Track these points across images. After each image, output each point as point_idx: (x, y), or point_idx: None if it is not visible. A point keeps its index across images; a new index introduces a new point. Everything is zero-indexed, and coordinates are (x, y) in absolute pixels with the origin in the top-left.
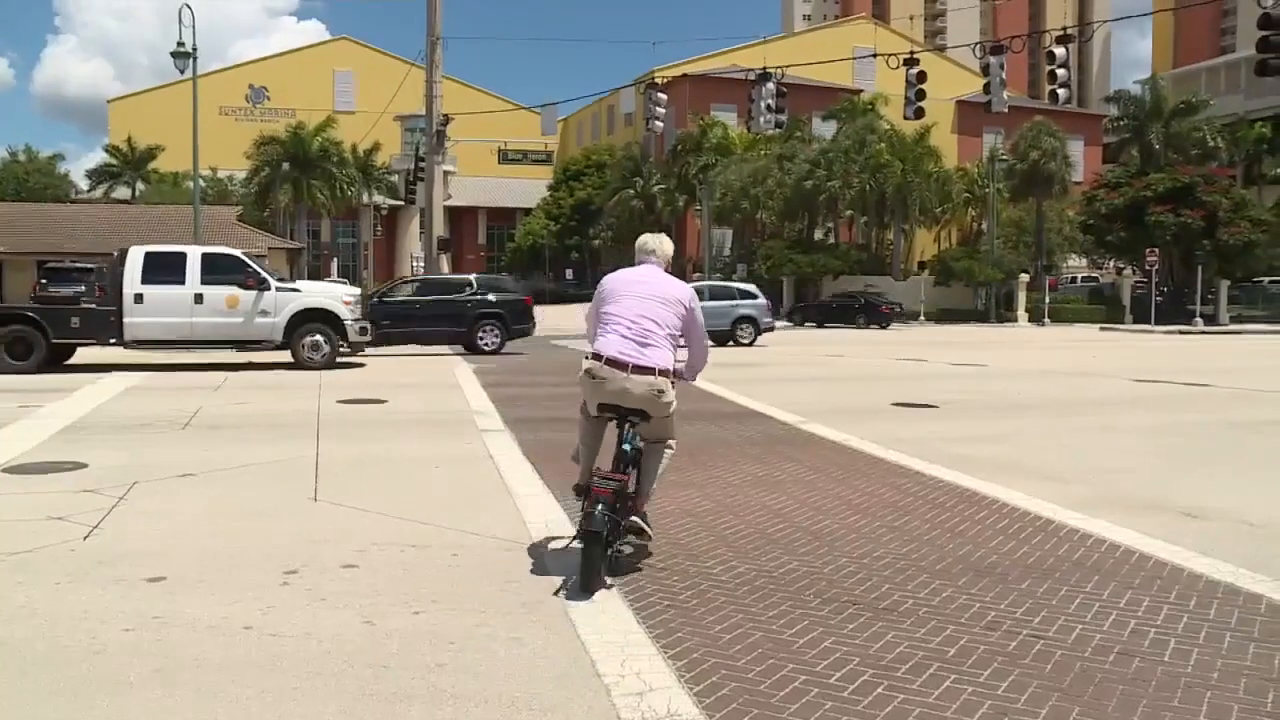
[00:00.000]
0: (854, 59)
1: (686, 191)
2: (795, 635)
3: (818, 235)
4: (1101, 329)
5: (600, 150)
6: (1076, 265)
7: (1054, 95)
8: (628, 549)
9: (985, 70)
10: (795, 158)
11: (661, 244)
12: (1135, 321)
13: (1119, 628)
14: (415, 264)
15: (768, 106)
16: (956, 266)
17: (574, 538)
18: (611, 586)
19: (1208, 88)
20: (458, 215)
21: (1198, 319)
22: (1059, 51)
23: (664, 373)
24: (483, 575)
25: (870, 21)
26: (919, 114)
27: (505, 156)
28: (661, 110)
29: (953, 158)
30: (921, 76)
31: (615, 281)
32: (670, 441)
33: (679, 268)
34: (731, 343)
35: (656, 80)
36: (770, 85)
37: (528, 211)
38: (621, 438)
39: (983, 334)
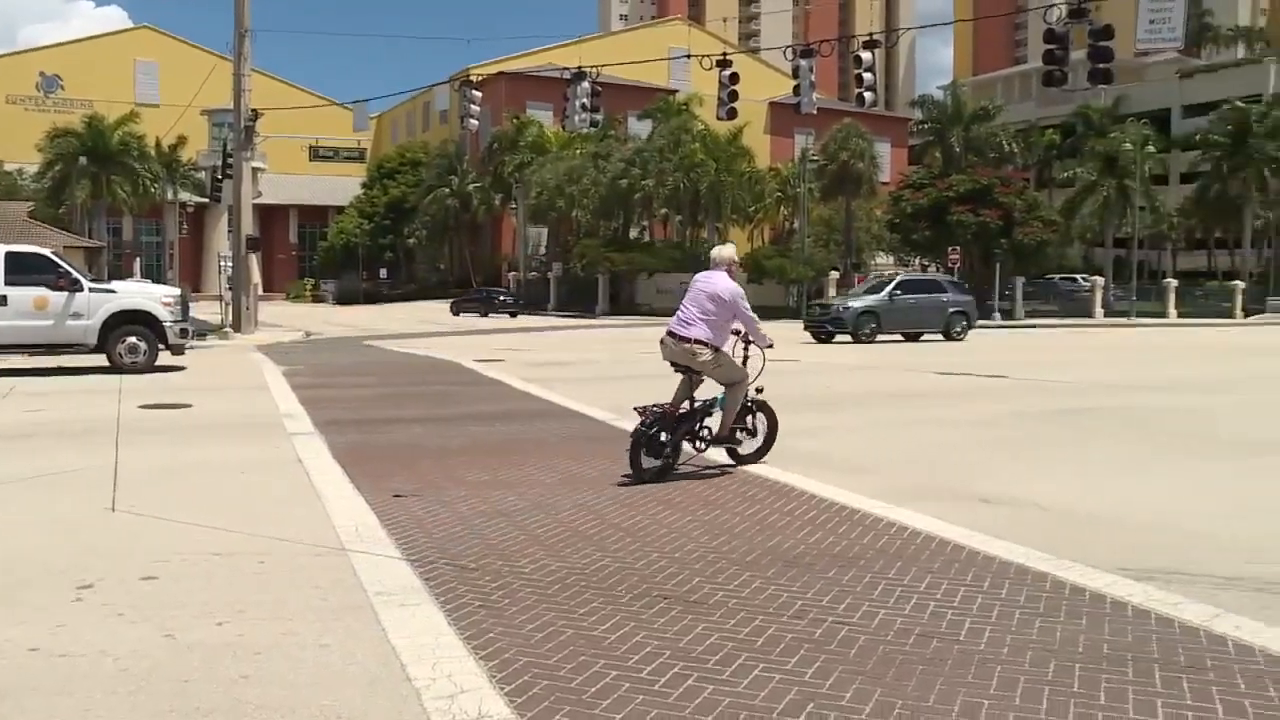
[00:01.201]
0: (669, 59)
1: (502, 190)
2: (607, 631)
3: (633, 233)
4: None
5: (415, 148)
6: (884, 262)
7: (861, 98)
8: (742, 453)
9: (796, 72)
10: (610, 157)
11: (720, 252)
12: None
13: (919, 611)
14: (223, 263)
15: (583, 105)
16: (769, 264)
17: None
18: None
19: (1004, 95)
20: (268, 213)
21: (996, 314)
22: (865, 56)
23: (698, 341)
24: (290, 582)
25: (685, 23)
26: (731, 114)
27: (317, 153)
28: (476, 108)
29: (765, 158)
30: (734, 78)
31: (692, 281)
32: (735, 384)
33: (493, 266)
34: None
35: (472, 78)
36: (585, 84)
37: (340, 210)
38: (685, 382)
39: (796, 331)
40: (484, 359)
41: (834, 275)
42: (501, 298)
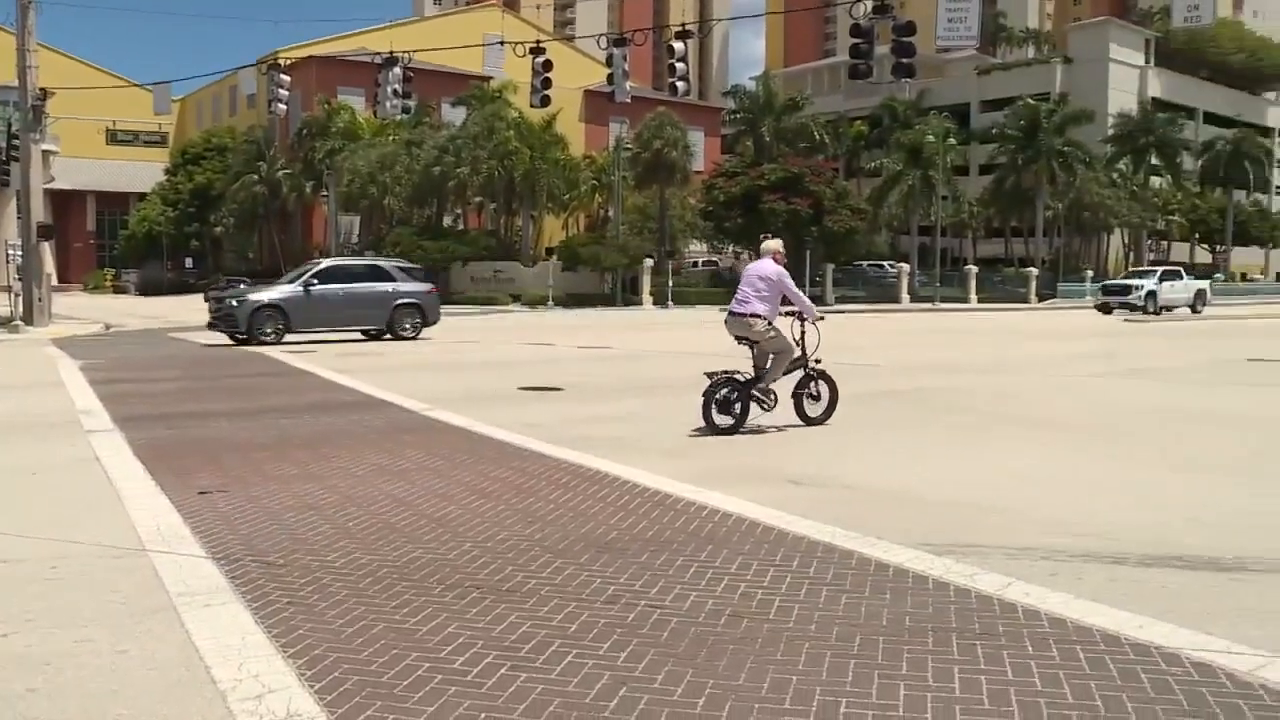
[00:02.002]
0: (483, 46)
1: (313, 177)
2: (419, 623)
3: (447, 221)
4: (721, 310)
5: (221, 133)
6: (698, 250)
7: (674, 87)
8: (812, 414)
9: (609, 61)
10: (424, 144)
11: (767, 245)
12: None
13: (730, 592)
14: (11, 252)
15: (394, 91)
16: (584, 252)
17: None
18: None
19: (814, 87)
20: (63, 199)
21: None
22: (678, 46)
23: (754, 314)
24: (86, 587)
25: (500, 9)
26: (545, 102)
27: (115, 137)
28: (285, 92)
29: (580, 145)
30: (548, 65)
31: (745, 269)
32: (781, 353)
33: (305, 254)
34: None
35: (280, 61)
36: (397, 70)
37: (142, 196)
38: (752, 353)
39: (609, 317)
40: (293, 349)
41: (648, 263)
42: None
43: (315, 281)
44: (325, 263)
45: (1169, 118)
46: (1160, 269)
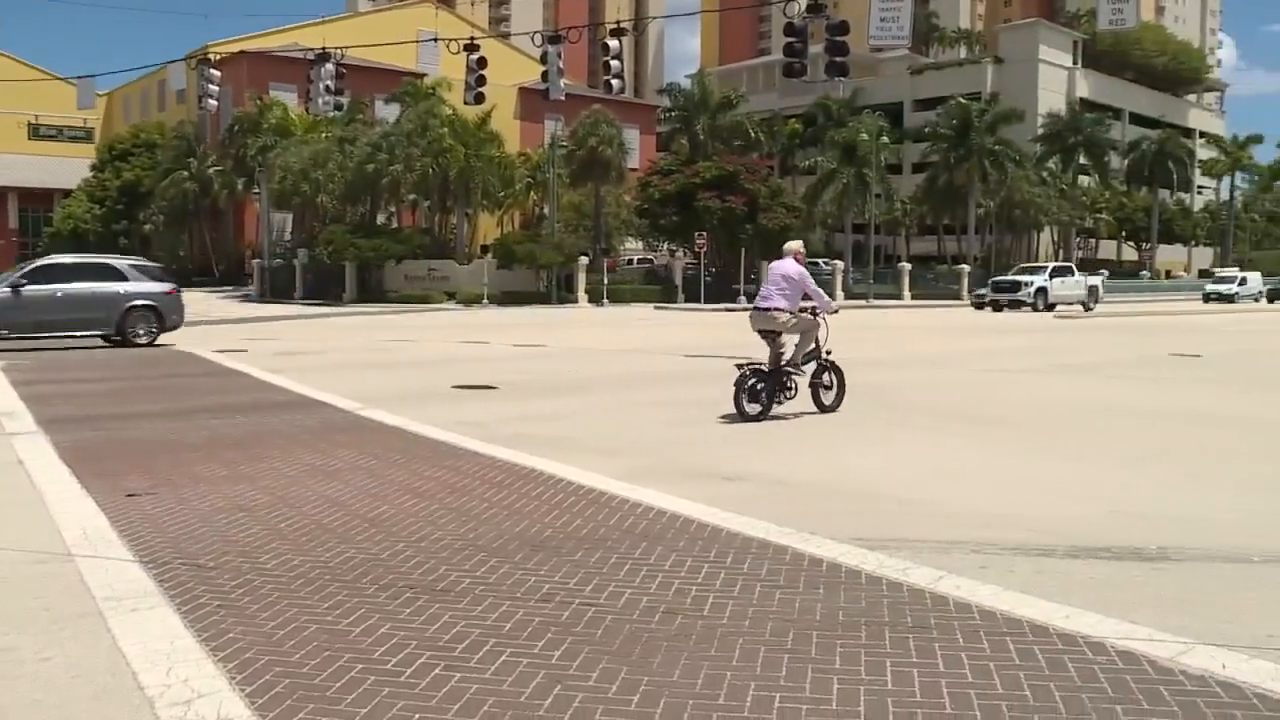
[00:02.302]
0: (417, 42)
1: (245, 174)
2: (352, 624)
3: (381, 219)
4: (656, 308)
5: (150, 129)
6: (633, 248)
7: (608, 85)
8: (826, 401)
9: (544, 58)
10: (357, 141)
11: (789, 246)
12: (687, 300)
13: (664, 588)
14: None
15: (327, 88)
16: (519, 250)
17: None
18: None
19: (749, 85)
20: None
21: (742, 297)
22: (613, 44)
23: (776, 309)
24: (8, 594)
25: (434, 6)
26: (479, 99)
27: (37, 132)
28: (215, 88)
29: (515, 143)
30: (482, 62)
31: (769, 268)
32: (806, 333)
33: (237, 252)
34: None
35: (210, 56)
36: (330, 66)
37: (68, 194)
38: (771, 347)
39: (545, 315)
40: (225, 349)
41: (584, 261)
42: None
43: (26, 281)
44: (43, 260)
45: (1096, 118)
46: (1051, 265)
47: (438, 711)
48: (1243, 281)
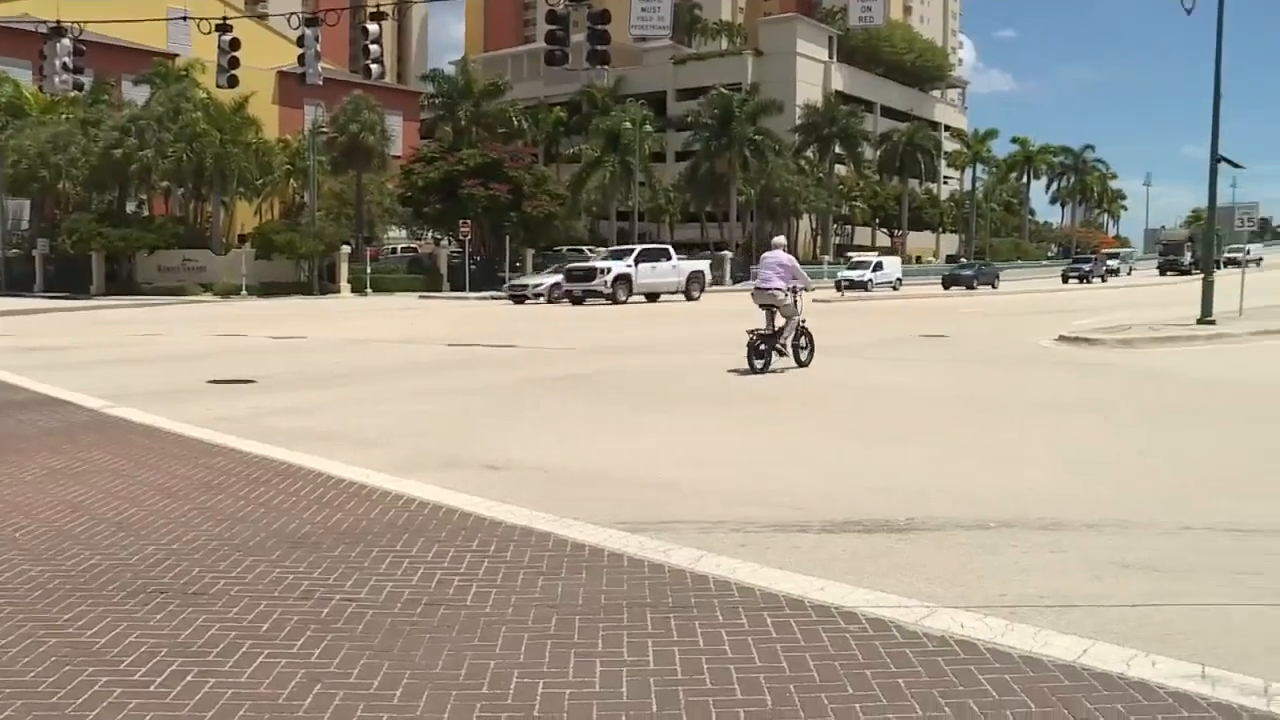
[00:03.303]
0: (166, 20)
1: None
2: (96, 635)
3: (131, 208)
4: (421, 297)
5: None
6: (397, 236)
7: (368, 70)
8: (803, 358)
9: (301, 41)
10: (103, 124)
11: (775, 240)
12: (452, 289)
13: (427, 580)
14: None
15: (64, 65)
16: (278, 239)
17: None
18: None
19: (513, 73)
20: None
21: (507, 285)
22: (372, 28)
23: (776, 289)
24: None
25: None
26: (233, 82)
27: None
28: None
29: (274, 129)
30: (235, 44)
31: (762, 258)
32: (797, 318)
33: None
34: None
35: None
36: (66, 42)
37: None
38: (768, 318)
39: (306, 306)
40: None
41: (346, 250)
42: None
43: None
44: None
45: (850, 110)
46: (638, 248)
47: None
48: (878, 267)
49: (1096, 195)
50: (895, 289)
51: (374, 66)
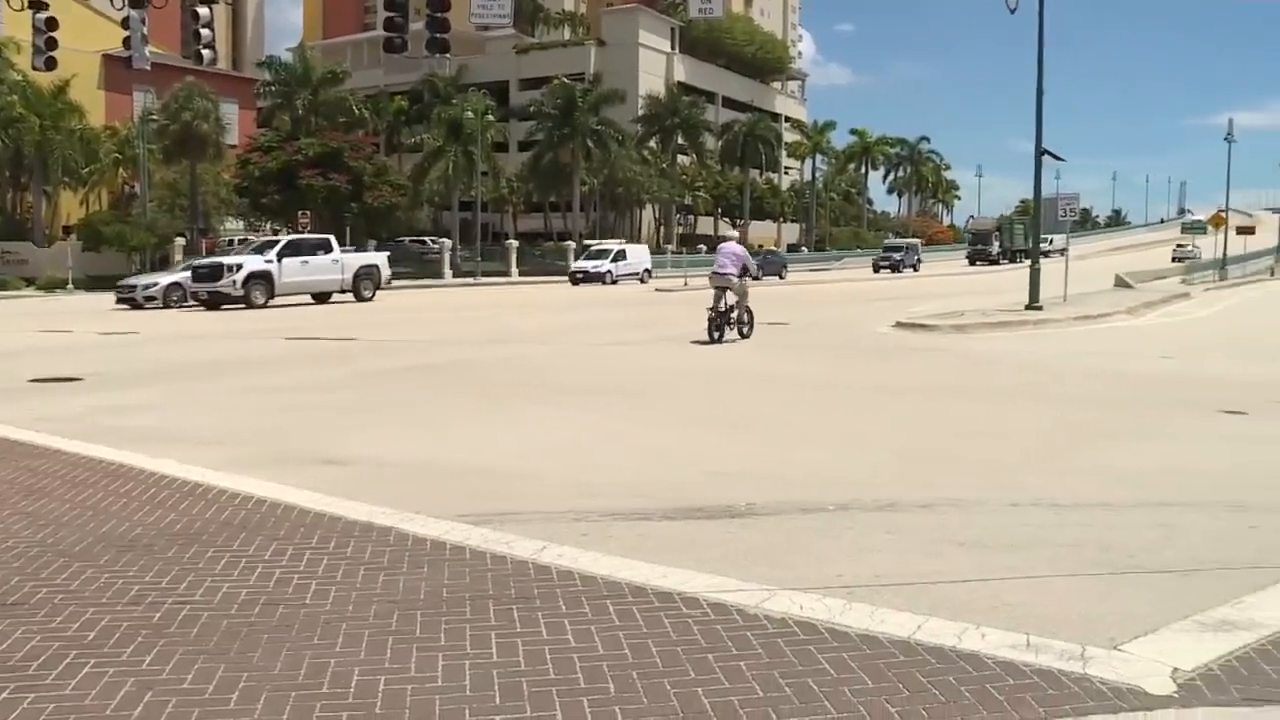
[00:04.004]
0: None
1: None
2: None
3: None
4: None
5: None
6: (234, 228)
7: (199, 55)
8: (745, 332)
9: (126, 24)
10: None
11: (727, 232)
12: None
13: (265, 580)
14: None
15: None
16: (107, 231)
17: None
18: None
19: (353, 60)
20: None
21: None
22: (203, 11)
23: (730, 274)
24: None
25: None
26: (51, 65)
27: None
28: None
29: (101, 115)
30: (51, 23)
31: (719, 248)
32: (745, 295)
33: None
34: None
35: None
36: None
37: None
38: (718, 298)
39: None
40: None
41: (180, 242)
42: None
43: None
44: None
45: (692, 101)
46: (284, 239)
47: None
48: (619, 256)
49: (931, 185)
50: (643, 281)
51: (205, 51)
